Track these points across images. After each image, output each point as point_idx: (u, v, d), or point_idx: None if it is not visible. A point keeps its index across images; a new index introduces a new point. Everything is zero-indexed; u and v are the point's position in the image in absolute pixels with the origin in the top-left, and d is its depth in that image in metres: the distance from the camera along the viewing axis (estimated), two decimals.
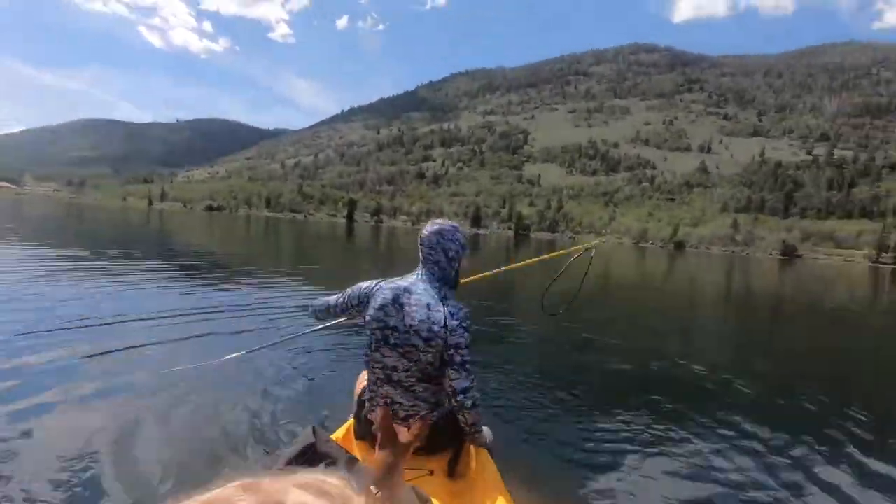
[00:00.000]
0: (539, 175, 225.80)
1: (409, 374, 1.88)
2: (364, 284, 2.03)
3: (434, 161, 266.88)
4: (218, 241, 22.45)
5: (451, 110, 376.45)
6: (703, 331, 8.78)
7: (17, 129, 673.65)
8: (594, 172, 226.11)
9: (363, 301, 1.99)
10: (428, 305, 1.88)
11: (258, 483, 0.32)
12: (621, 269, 24.07)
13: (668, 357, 5.54)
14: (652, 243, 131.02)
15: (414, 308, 1.88)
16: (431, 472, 1.71)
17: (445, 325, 1.85)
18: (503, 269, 3.63)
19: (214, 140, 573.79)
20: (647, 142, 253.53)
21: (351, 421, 2.15)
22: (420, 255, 1.99)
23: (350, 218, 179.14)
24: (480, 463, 1.91)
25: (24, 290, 6.13)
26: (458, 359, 1.84)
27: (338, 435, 2.06)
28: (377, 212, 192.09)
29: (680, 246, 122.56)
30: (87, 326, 4.65)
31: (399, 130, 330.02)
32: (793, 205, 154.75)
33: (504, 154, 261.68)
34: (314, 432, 1.47)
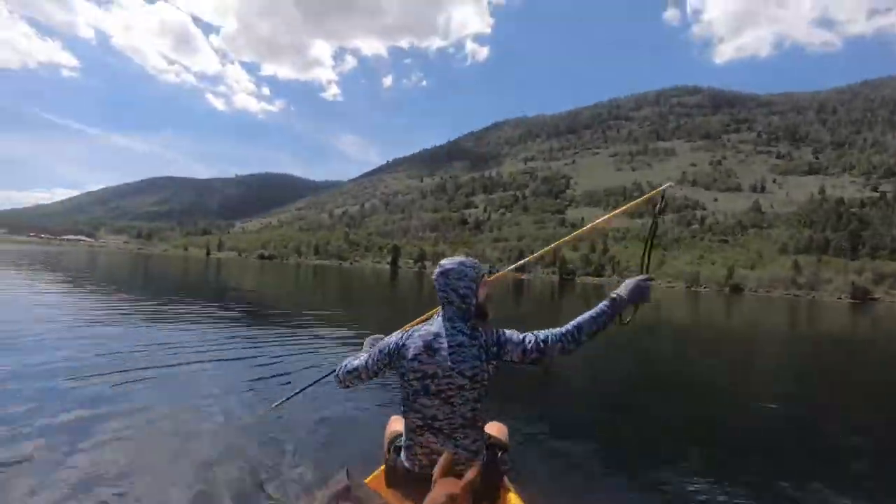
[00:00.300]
0: (582, 218, 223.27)
1: (450, 420, 1.87)
2: (391, 339, 2.00)
3: (476, 207, 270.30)
4: (268, 287, 23.29)
5: (492, 158, 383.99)
6: (780, 379, 8.10)
7: (96, 187, 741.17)
8: (640, 215, 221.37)
9: (393, 356, 1.95)
10: (461, 344, 1.88)
11: None
12: (676, 314, 22.90)
13: (735, 407, 5.14)
14: (705, 287, 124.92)
15: (449, 350, 1.87)
16: None
17: (488, 357, 1.87)
18: (570, 237, 3.23)
19: (269, 193, 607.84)
20: (694, 183, 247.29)
21: (382, 467, 2.13)
22: (439, 290, 1.99)
23: (394, 264, 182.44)
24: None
25: (86, 331, 6.56)
26: (533, 347, 1.87)
27: (370, 480, 2.06)
28: (421, 258, 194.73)
29: (737, 289, 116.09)
30: (143, 369, 4.89)
31: (441, 179, 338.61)
32: (861, 245, 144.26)
33: (546, 199, 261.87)
34: (348, 475, 1.45)
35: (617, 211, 2.81)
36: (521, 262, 3.10)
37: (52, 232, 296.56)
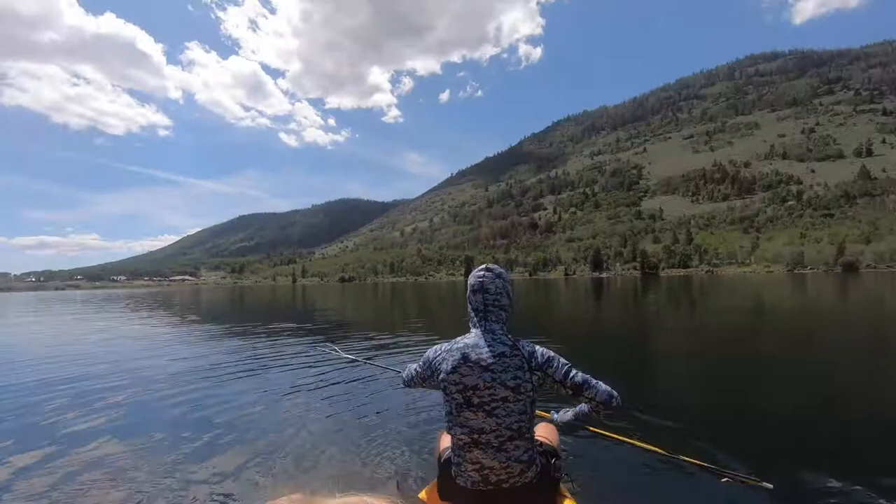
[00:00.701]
0: (660, 208, 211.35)
1: (497, 433, 1.80)
2: (430, 353, 1.98)
3: (545, 209, 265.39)
4: (349, 307, 24.22)
5: (556, 157, 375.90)
6: None
7: (194, 231, 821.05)
8: (725, 197, 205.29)
9: (434, 369, 1.93)
10: (503, 354, 1.82)
11: (308, 497, 0.34)
12: (781, 302, 20.78)
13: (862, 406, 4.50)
14: (812, 268, 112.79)
15: (490, 361, 1.82)
16: None
17: (531, 368, 1.82)
18: None
19: (343, 218, 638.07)
20: (784, 155, 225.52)
21: (435, 482, 2.07)
22: (477, 306, 1.93)
23: (468, 275, 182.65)
24: None
25: (202, 349, 7.20)
26: (579, 380, 1.83)
27: (422, 495, 2.04)
28: None
29: (851, 267, 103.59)
30: (244, 376, 5.28)
31: (507, 185, 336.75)
32: None
33: (618, 192, 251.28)
34: (398, 487, 1.27)
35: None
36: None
37: (163, 274, 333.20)
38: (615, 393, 1.84)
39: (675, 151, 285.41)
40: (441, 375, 1.88)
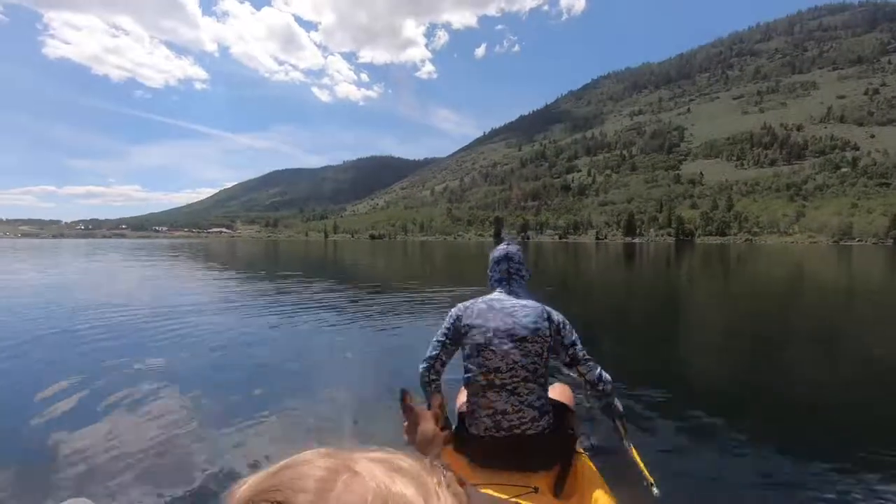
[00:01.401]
0: (701, 173, 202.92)
1: (513, 373, 1.85)
2: (451, 315, 2.01)
3: (579, 171, 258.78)
4: (380, 264, 24.77)
5: (594, 117, 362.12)
6: None
7: (230, 184, 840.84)
8: (772, 163, 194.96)
9: (458, 327, 1.97)
10: (525, 304, 1.93)
11: (335, 451, 0.35)
12: (821, 274, 20.09)
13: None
14: (860, 240, 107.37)
15: (512, 307, 1.92)
16: (536, 490, 1.66)
17: (549, 319, 1.89)
18: None
19: (374, 175, 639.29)
20: (842, 119, 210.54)
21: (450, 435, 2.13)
22: (501, 275, 2.04)
23: (497, 236, 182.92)
24: (589, 480, 1.84)
25: (240, 302, 7.72)
26: (580, 354, 1.88)
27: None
28: (524, 228, 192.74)
29: None
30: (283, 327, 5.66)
31: (541, 145, 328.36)
32: None
33: (657, 155, 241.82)
34: (403, 392, 1.43)
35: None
36: None
37: (201, 226, 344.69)
38: (607, 378, 1.89)
39: (721, 112, 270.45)
40: (465, 321, 1.94)
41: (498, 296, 1.99)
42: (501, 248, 2.10)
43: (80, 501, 1.19)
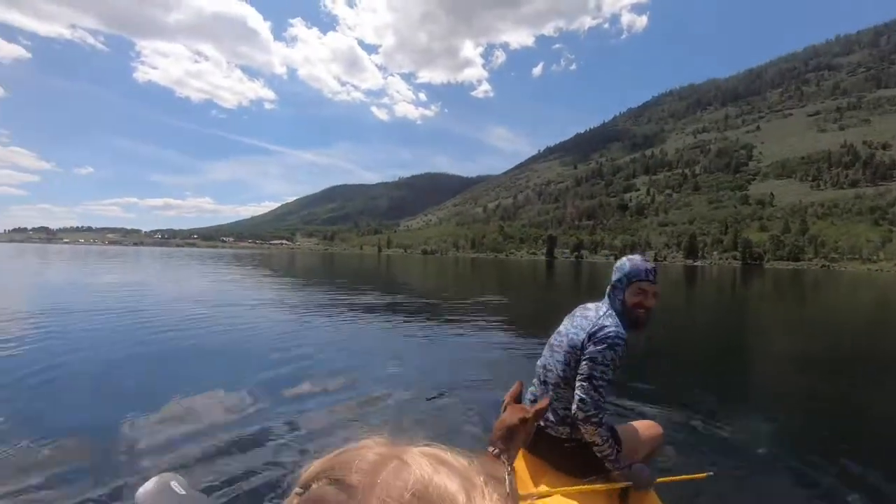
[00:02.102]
0: (771, 193, 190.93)
1: (555, 372, 1.91)
2: None
3: (637, 190, 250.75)
4: (431, 280, 25.11)
5: (654, 135, 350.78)
6: None
7: (292, 199, 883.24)
8: (854, 184, 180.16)
9: None
10: (587, 316, 1.94)
11: (392, 441, 0.38)
12: None
13: None
14: None
15: (578, 316, 1.99)
16: None
17: (591, 328, 1.87)
18: None
19: (428, 192, 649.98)
20: None
21: None
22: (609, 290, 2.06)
23: (550, 254, 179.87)
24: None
25: (300, 308, 8.18)
26: (586, 371, 1.80)
27: None
28: (577, 247, 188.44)
29: None
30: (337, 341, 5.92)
31: (597, 163, 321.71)
32: None
33: (723, 174, 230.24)
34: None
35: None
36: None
37: (263, 238, 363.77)
38: (580, 416, 1.76)
39: (795, 130, 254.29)
40: None
41: (592, 304, 2.03)
42: (641, 263, 2.04)
43: (168, 476, 1.24)
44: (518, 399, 1.68)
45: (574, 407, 1.78)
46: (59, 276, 17.64)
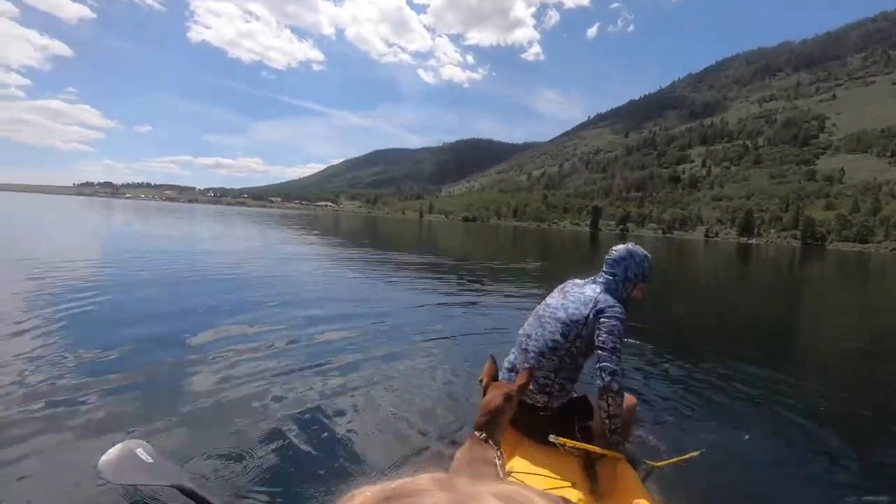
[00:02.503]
0: (842, 169, 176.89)
1: (537, 343, 1.94)
2: None
3: (692, 162, 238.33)
4: (473, 247, 25.46)
5: (715, 103, 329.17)
6: None
7: (337, 161, 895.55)
8: None
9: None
10: (584, 292, 1.98)
11: (452, 481, 0.31)
12: None
13: None
14: None
15: (572, 291, 2.02)
16: (573, 485, 1.68)
17: (594, 305, 1.89)
18: None
19: (472, 158, 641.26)
20: None
21: None
22: (604, 267, 2.08)
23: (594, 226, 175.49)
24: (628, 486, 1.80)
25: (340, 272, 8.75)
26: (609, 343, 1.81)
27: None
28: (624, 220, 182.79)
29: None
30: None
31: (650, 132, 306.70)
32: None
33: (789, 147, 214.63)
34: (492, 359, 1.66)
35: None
36: None
37: (309, 199, 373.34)
38: (615, 387, 1.78)
39: (876, 99, 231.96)
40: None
41: (582, 282, 2.07)
42: (627, 245, 2.12)
43: (133, 443, 1.20)
44: (495, 376, 1.67)
45: (607, 378, 1.77)
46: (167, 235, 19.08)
